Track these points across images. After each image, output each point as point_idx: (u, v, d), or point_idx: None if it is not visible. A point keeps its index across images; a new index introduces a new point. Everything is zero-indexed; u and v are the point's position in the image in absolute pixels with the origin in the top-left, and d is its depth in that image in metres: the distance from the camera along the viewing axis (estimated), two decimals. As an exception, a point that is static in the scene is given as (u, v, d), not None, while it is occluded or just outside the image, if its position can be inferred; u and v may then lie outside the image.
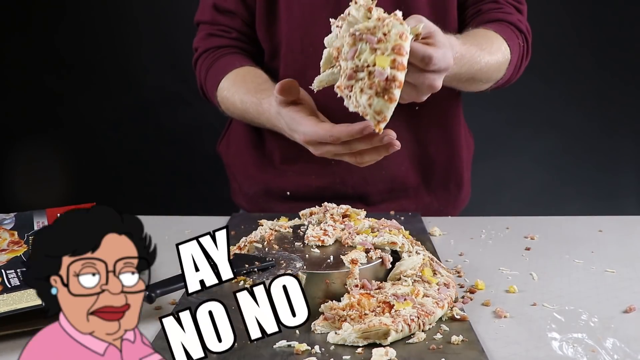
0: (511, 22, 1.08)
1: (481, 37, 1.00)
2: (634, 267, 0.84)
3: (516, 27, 1.08)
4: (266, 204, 1.20)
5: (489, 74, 1.00)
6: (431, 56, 0.69)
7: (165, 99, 2.26)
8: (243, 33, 1.15)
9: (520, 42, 1.07)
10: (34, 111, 2.30)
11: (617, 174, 2.35)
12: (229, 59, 1.11)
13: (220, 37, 1.14)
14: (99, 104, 2.28)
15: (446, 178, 1.20)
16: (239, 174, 1.24)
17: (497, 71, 1.02)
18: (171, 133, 2.27)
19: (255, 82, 1.04)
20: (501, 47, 1.01)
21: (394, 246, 0.75)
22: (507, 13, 1.09)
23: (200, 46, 1.16)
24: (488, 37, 1.01)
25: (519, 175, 2.29)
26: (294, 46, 1.09)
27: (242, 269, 0.68)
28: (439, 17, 1.07)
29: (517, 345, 0.63)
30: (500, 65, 1.01)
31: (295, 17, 1.08)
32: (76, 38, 2.22)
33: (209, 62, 1.13)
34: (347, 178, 1.13)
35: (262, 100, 0.97)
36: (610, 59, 2.23)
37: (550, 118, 2.26)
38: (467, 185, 1.25)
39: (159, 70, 2.25)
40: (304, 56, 1.09)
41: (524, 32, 1.09)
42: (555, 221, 1.05)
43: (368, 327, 0.61)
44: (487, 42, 0.98)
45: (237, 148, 1.24)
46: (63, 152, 2.29)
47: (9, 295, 0.66)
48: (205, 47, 1.15)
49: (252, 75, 1.06)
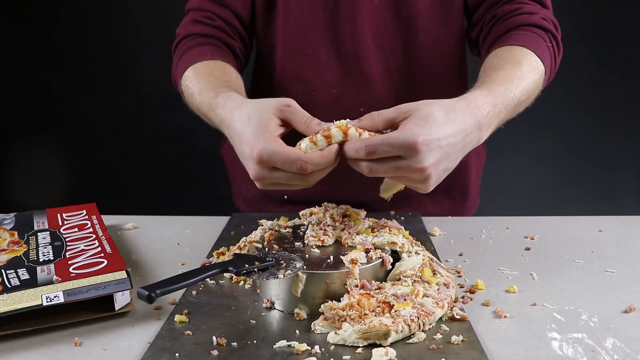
0: (534, 23, 0.98)
1: (508, 65, 0.89)
2: (634, 267, 0.84)
3: (541, 27, 0.98)
4: (264, 208, 1.19)
5: (529, 95, 0.90)
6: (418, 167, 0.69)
7: (165, 99, 2.25)
8: (229, 23, 1.09)
9: (548, 43, 0.97)
10: (33, 111, 2.30)
11: (617, 174, 2.35)
12: (202, 49, 1.03)
13: (203, 24, 1.08)
14: (98, 104, 2.28)
15: (450, 186, 1.16)
16: (239, 176, 1.24)
17: (536, 88, 0.93)
18: (171, 133, 2.27)
19: (222, 78, 0.94)
20: (532, 64, 0.91)
21: (394, 246, 0.75)
22: (527, 13, 1.00)
23: (181, 32, 1.10)
24: (514, 59, 0.90)
25: (519, 175, 2.29)
26: (290, 48, 1.09)
27: (242, 269, 0.68)
28: (442, 21, 1.06)
29: (517, 345, 0.63)
30: (537, 82, 0.92)
31: (293, 19, 1.07)
32: (75, 38, 2.22)
33: (183, 50, 1.06)
34: (346, 184, 1.09)
35: (218, 94, 0.86)
36: (610, 59, 2.23)
37: (550, 118, 2.26)
38: (474, 194, 1.22)
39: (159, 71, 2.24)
40: (301, 58, 1.08)
41: (550, 30, 0.99)
42: (555, 221, 1.05)
43: (368, 328, 0.61)
44: (515, 67, 0.88)
45: None
46: (63, 152, 2.29)
47: (9, 295, 0.66)
48: (185, 34, 1.09)
49: (220, 70, 0.97)
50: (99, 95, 2.28)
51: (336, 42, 1.06)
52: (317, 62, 1.08)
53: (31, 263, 0.76)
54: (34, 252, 0.80)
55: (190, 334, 0.64)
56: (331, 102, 1.08)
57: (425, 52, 1.07)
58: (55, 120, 2.30)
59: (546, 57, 0.95)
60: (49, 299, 0.65)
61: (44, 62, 2.24)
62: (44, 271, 0.72)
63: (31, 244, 0.83)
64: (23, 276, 0.71)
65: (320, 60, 1.07)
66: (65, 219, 0.94)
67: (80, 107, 2.28)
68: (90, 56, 2.24)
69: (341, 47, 1.06)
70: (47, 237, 0.86)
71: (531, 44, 0.94)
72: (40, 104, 2.28)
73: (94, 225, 0.91)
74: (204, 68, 0.98)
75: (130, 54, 2.25)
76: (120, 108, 2.29)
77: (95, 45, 2.23)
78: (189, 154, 2.29)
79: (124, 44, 2.24)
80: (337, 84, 1.08)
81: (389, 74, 1.08)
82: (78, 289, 0.67)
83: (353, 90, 1.08)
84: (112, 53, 2.24)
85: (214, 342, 0.62)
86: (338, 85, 1.08)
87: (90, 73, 2.26)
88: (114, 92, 2.28)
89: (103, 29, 2.22)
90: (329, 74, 1.08)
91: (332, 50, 1.07)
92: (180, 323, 0.67)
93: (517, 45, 0.93)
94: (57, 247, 0.82)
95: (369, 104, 1.06)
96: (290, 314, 0.69)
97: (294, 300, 0.69)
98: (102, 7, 2.20)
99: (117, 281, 0.69)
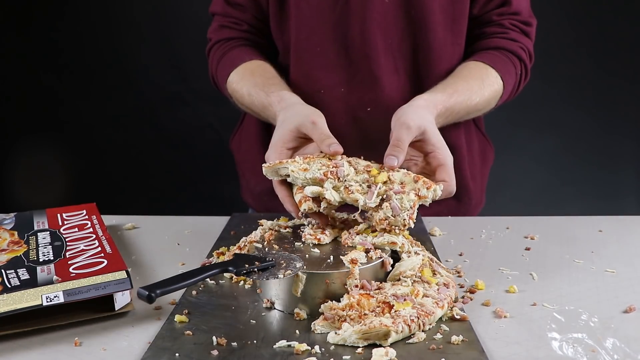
0: (512, 50, 1.09)
1: (472, 78, 1.03)
2: (634, 267, 0.84)
3: (516, 55, 1.09)
4: (271, 203, 1.20)
5: (479, 109, 1.06)
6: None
7: (165, 99, 2.26)
8: (254, 26, 1.16)
9: (518, 70, 1.09)
10: (34, 111, 2.30)
11: (617, 174, 2.36)
12: (239, 52, 1.12)
13: (231, 29, 1.16)
14: (98, 104, 2.28)
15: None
16: (247, 171, 1.25)
17: (488, 105, 1.07)
18: (171, 133, 2.28)
19: (264, 76, 1.06)
20: (493, 84, 1.05)
21: (393, 246, 0.75)
22: (510, 40, 1.09)
23: (213, 37, 1.18)
24: (480, 75, 1.04)
25: (519, 175, 2.30)
26: (300, 46, 1.09)
27: (242, 269, 0.68)
28: (450, 25, 1.08)
29: (517, 345, 0.63)
30: (491, 100, 1.06)
31: (304, 17, 1.08)
32: (76, 38, 2.22)
33: (220, 54, 1.14)
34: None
35: (270, 94, 1.00)
36: (610, 59, 2.23)
37: (550, 118, 2.26)
38: (477, 195, 1.22)
39: (159, 70, 2.25)
40: (310, 56, 1.09)
41: (524, 59, 1.10)
42: (555, 221, 1.05)
43: (368, 329, 0.61)
44: (477, 82, 1.02)
45: (247, 145, 1.24)
46: (63, 152, 2.29)
47: (9, 295, 0.66)
48: (217, 38, 1.16)
49: (262, 69, 1.08)
50: (99, 95, 2.28)
51: (345, 42, 1.07)
52: (325, 61, 1.09)
53: (31, 263, 0.75)
54: (34, 252, 0.80)
55: (190, 334, 0.64)
56: (339, 101, 1.09)
57: (432, 54, 1.08)
58: (55, 120, 2.30)
59: (510, 82, 1.07)
60: (49, 299, 0.65)
61: (44, 62, 2.24)
62: (44, 271, 0.72)
63: (31, 244, 0.83)
64: (23, 276, 0.71)
65: (329, 59, 1.08)
66: (65, 219, 0.94)
67: (80, 107, 2.29)
68: (91, 56, 2.24)
69: (349, 46, 1.07)
70: (47, 237, 0.86)
71: (501, 68, 1.06)
72: (40, 104, 2.28)
73: (94, 225, 0.91)
74: (245, 70, 1.09)
75: (131, 55, 2.25)
76: (121, 108, 2.29)
77: (96, 45, 2.24)
78: (189, 154, 2.29)
79: (125, 44, 2.24)
80: (344, 83, 1.09)
81: (396, 74, 1.09)
82: (78, 289, 0.67)
83: (361, 89, 1.08)
84: (113, 53, 2.24)
85: (214, 342, 0.62)
86: (346, 84, 1.09)
87: (90, 73, 2.26)
88: (114, 92, 2.28)
89: (104, 29, 2.23)
90: (336, 73, 1.08)
91: (341, 49, 1.08)
92: (180, 323, 0.67)
93: (490, 65, 1.06)
94: (57, 247, 0.82)
95: (376, 104, 1.07)
96: (290, 314, 0.69)
97: (294, 300, 0.69)
98: (104, 7, 2.20)
99: (117, 281, 0.69)
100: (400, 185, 0.76)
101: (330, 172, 0.77)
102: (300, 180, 0.78)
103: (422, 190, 0.75)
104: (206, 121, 2.20)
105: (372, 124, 1.09)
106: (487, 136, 1.26)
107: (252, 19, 1.15)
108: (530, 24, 1.13)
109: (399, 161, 0.79)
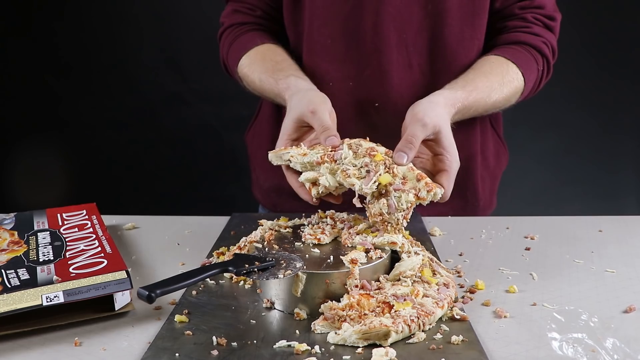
0: (534, 45, 1.06)
1: (493, 74, 1.01)
2: (634, 267, 0.84)
3: (539, 50, 1.06)
4: (278, 200, 1.20)
5: (498, 107, 1.04)
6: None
7: (165, 99, 2.26)
8: (268, 13, 1.15)
9: (540, 67, 1.06)
10: (34, 111, 2.30)
11: (617, 174, 2.36)
12: (251, 36, 1.12)
13: (245, 14, 1.15)
14: (98, 104, 2.28)
15: (461, 186, 1.11)
16: (258, 166, 1.26)
17: (508, 102, 1.05)
18: (171, 133, 2.28)
19: (274, 60, 1.06)
20: (514, 81, 1.02)
21: (393, 246, 0.75)
22: (533, 34, 1.06)
23: (225, 21, 1.17)
24: (500, 71, 1.01)
25: (519, 175, 2.29)
26: (313, 36, 1.08)
27: (242, 269, 0.68)
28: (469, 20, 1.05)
29: (517, 345, 0.63)
30: (510, 97, 1.03)
31: (317, 8, 1.07)
32: (76, 38, 2.22)
33: (232, 38, 1.14)
34: None
35: (278, 80, 1.00)
36: (610, 59, 2.23)
37: (550, 118, 2.26)
38: (485, 197, 1.19)
39: (159, 71, 2.25)
40: (321, 48, 1.08)
41: (547, 54, 1.07)
42: (555, 221, 1.05)
43: (368, 329, 0.61)
44: (497, 79, 1.00)
45: (259, 141, 1.24)
46: (63, 152, 2.29)
47: (9, 295, 0.66)
48: (230, 23, 1.16)
49: (272, 53, 1.08)
50: (100, 96, 2.28)
51: (356, 35, 1.05)
52: (335, 54, 1.07)
53: (31, 263, 0.75)
54: (34, 252, 0.80)
55: (190, 334, 0.64)
56: (347, 94, 1.08)
57: (449, 50, 1.06)
58: (55, 121, 2.30)
59: (531, 79, 1.05)
60: (49, 299, 0.65)
61: (44, 62, 2.24)
62: (44, 271, 0.72)
63: (31, 244, 0.83)
64: (23, 276, 0.71)
65: (339, 52, 1.07)
66: (65, 219, 0.94)
67: (80, 107, 2.29)
68: (91, 57, 2.25)
69: (360, 40, 1.05)
70: (47, 237, 0.86)
71: (522, 63, 1.03)
72: (40, 104, 2.29)
73: (94, 225, 0.91)
74: (256, 54, 1.08)
75: (131, 55, 2.25)
76: (121, 108, 2.29)
77: (97, 45, 2.24)
78: (189, 154, 2.29)
79: (125, 45, 2.24)
80: (353, 77, 1.07)
81: (409, 69, 1.07)
82: (78, 289, 0.67)
83: (369, 84, 1.07)
84: (114, 53, 2.24)
85: (214, 342, 0.62)
86: (354, 78, 1.07)
87: (91, 73, 2.26)
88: (115, 92, 2.28)
89: (104, 29, 2.23)
90: (346, 66, 1.07)
91: (352, 42, 1.06)
92: (180, 323, 0.67)
93: (511, 61, 1.03)
94: (57, 247, 0.82)
95: (384, 100, 1.06)
96: (290, 314, 0.69)
97: (294, 300, 0.69)
98: (104, 7, 2.20)
99: (117, 281, 0.69)
100: (402, 181, 0.76)
101: (327, 155, 0.78)
102: (299, 164, 0.81)
103: (422, 192, 0.75)
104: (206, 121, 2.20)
105: (380, 119, 1.07)
106: (504, 140, 1.24)
107: (266, 6, 1.15)
108: (554, 18, 1.09)
109: (408, 159, 0.78)
